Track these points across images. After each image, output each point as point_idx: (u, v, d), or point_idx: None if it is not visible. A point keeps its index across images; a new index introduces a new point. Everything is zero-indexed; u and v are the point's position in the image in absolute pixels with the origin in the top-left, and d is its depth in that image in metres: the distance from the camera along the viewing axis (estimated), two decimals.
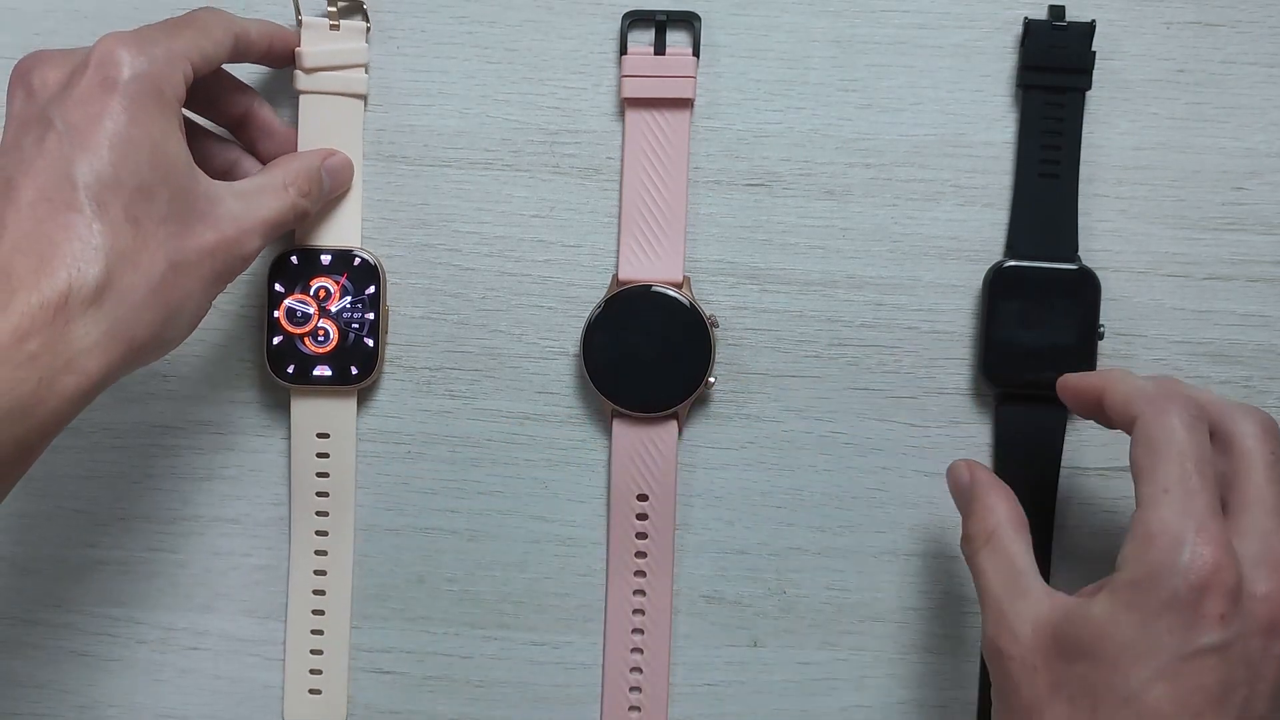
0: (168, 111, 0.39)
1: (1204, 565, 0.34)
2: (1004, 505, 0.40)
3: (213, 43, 0.41)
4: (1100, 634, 0.35)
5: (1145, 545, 0.35)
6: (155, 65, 0.38)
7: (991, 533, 0.39)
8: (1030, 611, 0.37)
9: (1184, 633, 0.34)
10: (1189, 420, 0.36)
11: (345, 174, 0.46)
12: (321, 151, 0.45)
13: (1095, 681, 0.34)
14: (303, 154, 0.45)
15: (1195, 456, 0.36)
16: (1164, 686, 0.34)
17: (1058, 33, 0.45)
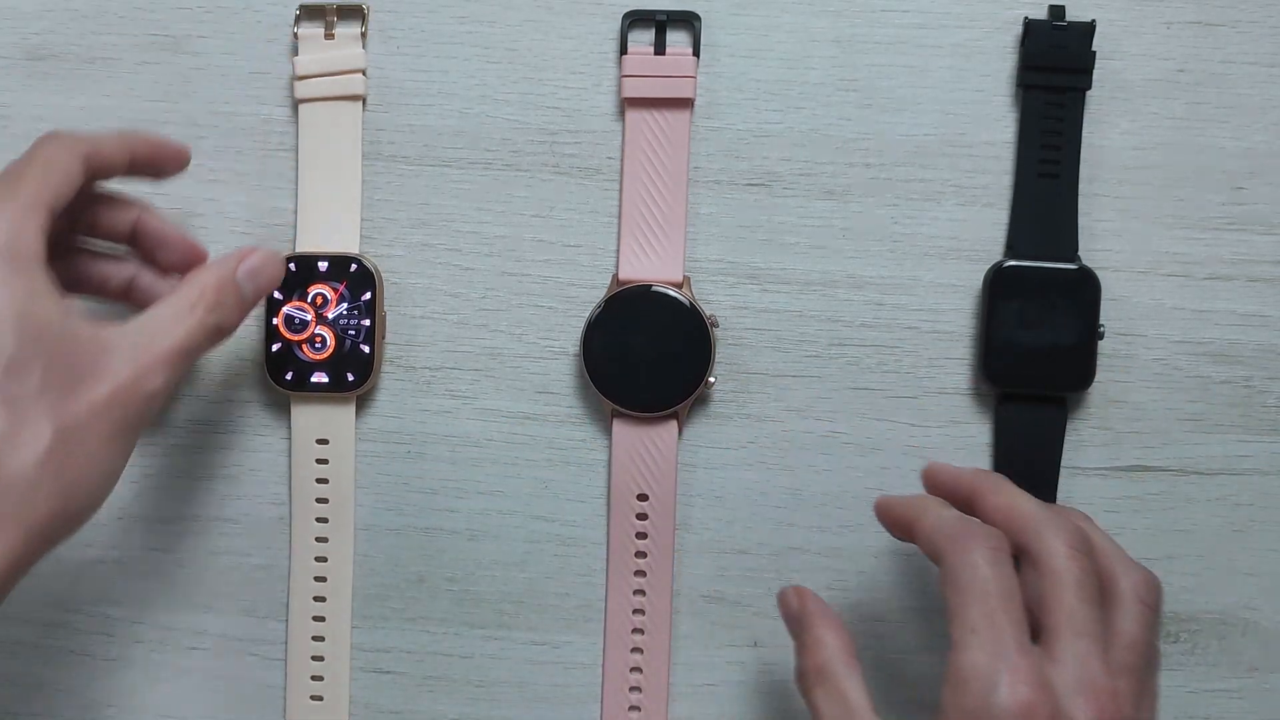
0: (27, 272, 0.36)
1: (1018, 704, 0.34)
2: (833, 637, 0.39)
3: (62, 176, 0.39)
4: None
5: (959, 690, 0.35)
6: (3, 231, 0.36)
7: (822, 668, 0.39)
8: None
9: None
10: (991, 556, 0.36)
11: (268, 271, 0.42)
12: (236, 255, 0.42)
13: None
14: (213, 265, 0.42)
15: (999, 593, 0.35)
16: None
17: (1058, 33, 0.45)
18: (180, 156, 0.44)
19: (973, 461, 0.46)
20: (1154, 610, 0.37)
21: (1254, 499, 0.46)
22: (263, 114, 0.47)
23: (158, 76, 0.48)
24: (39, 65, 0.48)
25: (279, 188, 0.47)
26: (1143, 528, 0.46)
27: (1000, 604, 0.35)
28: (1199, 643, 0.46)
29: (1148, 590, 0.37)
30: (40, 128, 0.47)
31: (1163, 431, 0.46)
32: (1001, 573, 0.36)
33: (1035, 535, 0.37)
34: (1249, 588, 0.46)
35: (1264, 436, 0.46)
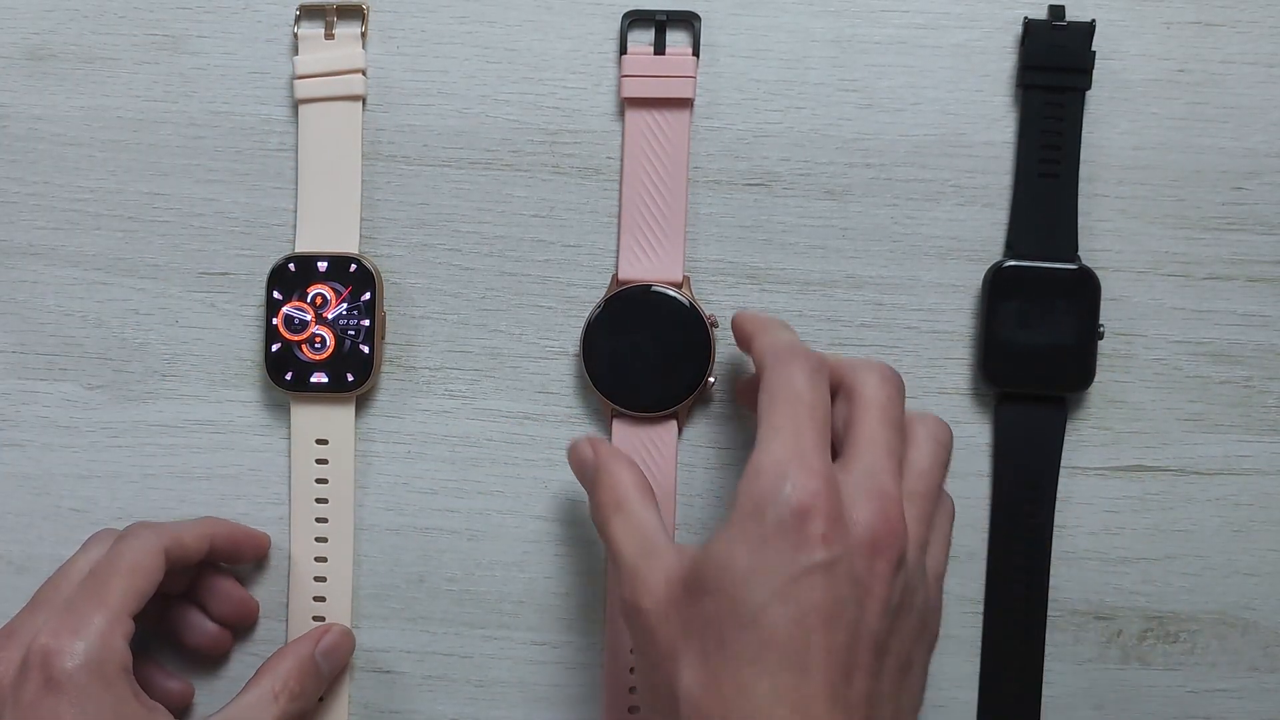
0: (116, 685, 0.40)
1: (804, 493, 0.36)
2: (629, 474, 0.41)
3: (146, 580, 0.42)
4: (720, 568, 0.36)
5: (753, 479, 0.37)
6: (93, 647, 0.40)
7: (620, 501, 0.40)
8: (661, 567, 0.38)
9: (791, 554, 0.35)
10: (808, 372, 0.38)
11: (343, 648, 0.46)
12: (311, 636, 0.46)
13: (719, 614, 0.36)
14: (290, 649, 0.45)
15: (809, 403, 0.38)
16: (779, 607, 0.35)
17: (1058, 32, 0.45)
18: (259, 548, 0.47)
19: (973, 462, 0.46)
20: (946, 450, 0.40)
21: (1254, 499, 0.46)
22: (263, 114, 0.48)
23: (158, 76, 0.48)
24: (39, 65, 0.48)
25: (279, 188, 0.48)
26: (1143, 528, 0.46)
27: (808, 412, 0.37)
28: (1199, 643, 0.46)
29: (941, 431, 0.40)
30: (40, 127, 0.48)
31: (1163, 431, 0.46)
32: (815, 389, 0.38)
33: (850, 368, 0.40)
34: (1249, 588, 0.46)
35: (1264, 436, 0.46)
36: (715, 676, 0.35)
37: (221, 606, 0.47)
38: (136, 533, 0.43)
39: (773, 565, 0.35)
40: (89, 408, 0.48)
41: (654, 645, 0.37)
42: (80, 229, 0.48)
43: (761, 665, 0.35)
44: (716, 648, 0.36)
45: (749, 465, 0.37)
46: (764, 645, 0.35)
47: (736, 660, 0.35)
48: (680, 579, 0.37)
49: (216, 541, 0.45)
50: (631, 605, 0.38)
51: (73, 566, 0.43)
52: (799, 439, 0.37)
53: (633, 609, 0.38)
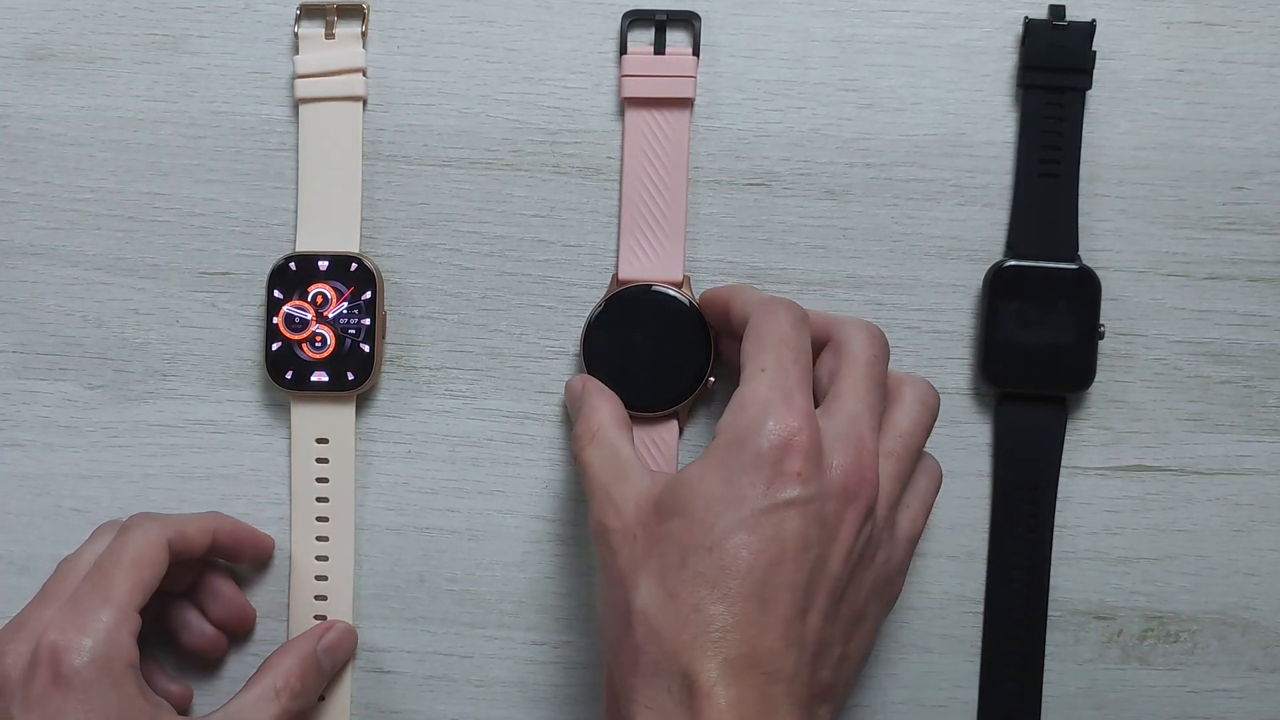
0: (122, 682, 0.40)
1: (785, 429, 0.36)
2: (608, 406, 0.42)
3: (150, 572, 0.42)
4: (691, 492, 0.37)
5: (738, 413, 0.38)
6: (100, 644, 0.40)
7: (596, 430, 0.41)
8: (633, 490, 0.39)
9: (764, 487, 0.36)
10: (793, 319, 0.39)
11: (345, 646, 0.47)
12: (313, 634, 0.46)
13: (683, 535, 0.37)
14: (292, 646, 0.45)
15: (794, 346, 0.39)
16: (744, 536, 0.36)
17: (1058, 32, 0.45)
18: (261, 549, 0.47)
19: (974, 462, 0.46)
20: (931, 413, 0.40)
21: (1254, 499, 0.46)
22: (263, 114, 0.48)
23: (158, 76, 0.48)
24: (39, 65, 0.48)
25: (279, 188, 0.48)
26: (1143, 528, 0.46)
27: (792, 355, 0.38)
28: (1199, 643, 0.46)
29: (928, 393, 0.41)
30: (40, 127, 0.48)
31: (1163, 431, 0.46)
32: (800, 335, 0.39)
33: (839, 324, 0.41)
34: (1249, 588, 0.46)
35: (1264, 436, 0.46)
36: (672, 594, 0.36)
37: (220, 610, 0.47)
38: (139, 524, 0.43)
39: (745, 495, 0.36)
40: (89, 408, 0.48)
41: (615, 563, 0.38)
42: (80, 229, 0.48)
43: (720, 589, 0.36)
44: (677, 566, 0.36)
45: (734, 399, 0.38)
46: (724, 570, 0.36)
47: (695, 581, 0.36)
48: (650, 501, 0.38)
49: (219, 536, 0.45)
50: (599, 525, 0.39)
51: (79, 559, 0.43)
52: (784, 378, 0.38)
53: (600, 528, 0.39)
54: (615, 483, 0.40)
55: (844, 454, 0.37)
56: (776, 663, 0.35)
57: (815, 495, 0.36)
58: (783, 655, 0.36)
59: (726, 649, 0.35)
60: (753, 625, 0.35)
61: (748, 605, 0.35)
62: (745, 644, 0.35)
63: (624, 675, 0.37)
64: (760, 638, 0.35)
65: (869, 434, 0.38)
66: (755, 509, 0.36)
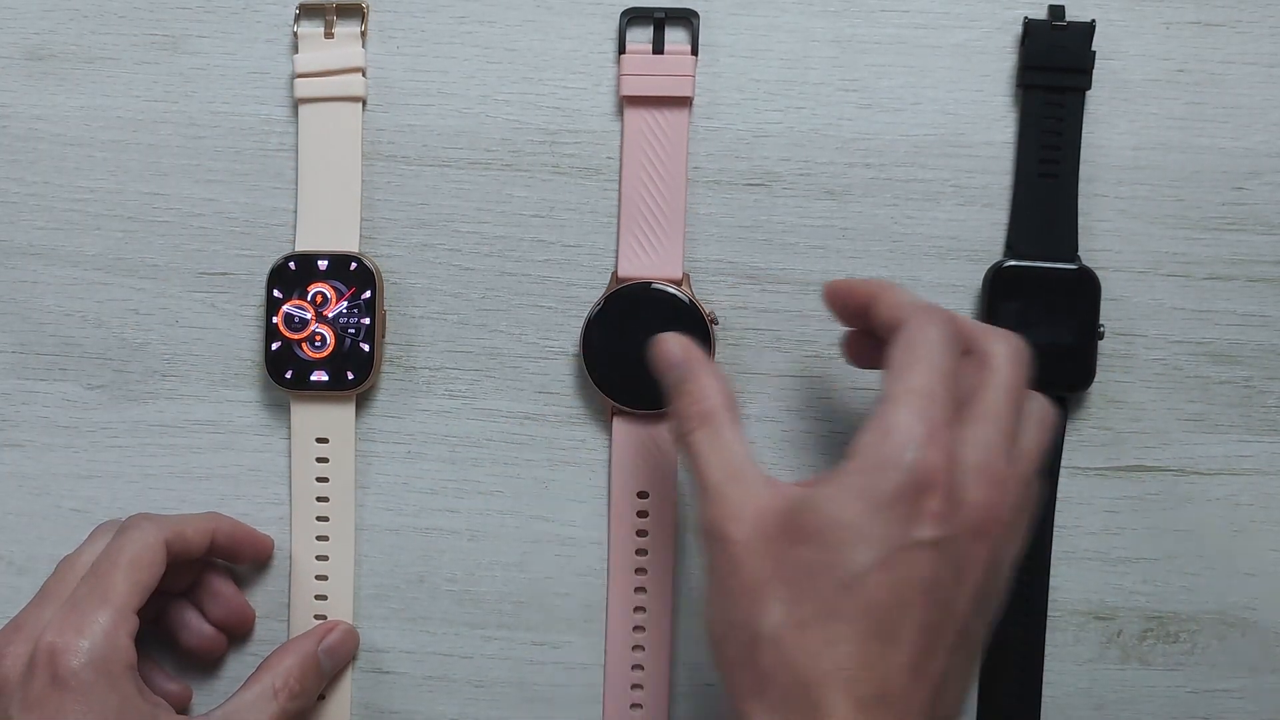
0: (120, 683, 0.40)
1: (928, 466, 0.35)
2: (719, 386, 0.40)
3: (148, 574, 0.42)
4: (825, 519, 0.36)
5: (880, 439, 0.36)
6: (98, 645, 0.40)
7: (708, 416, 0.40)
8: (752, 498, 0.38)
9: (903, 525, 0.35)
10: (948, 337, 0.38)
11: (347, 646, 0.47)
12: (315, 634, 0.46)
13: (818, 565, 0.36)
14: (293, 645, 0.45)
15: (944, 369, 0.37)
16: (882, 574, 0.35)
17: (1057, 33, 0.45)
18: (260, 549, 0.47)
19: None
20: (1050, 435, 0.39)
21: (1254, 499, 0.46)
22: (263, 114, 0.48)
23: (158, 76, 0.48)
24: (39, 65, 0.48)
25: (279, 188, 0.48)
26: (1143, 528, 0.46)
27: (942, 379, 0.37)
28: (1199, 643, 0.47)
29: (1048, 414, 0.39)
30: (40, 128, 0.48)
31: (1163, 431, 0.46)
32: (952, 355, 0.38)
33: (984, 334, 0.39)
34: (1249, 588, 0.46)
35: (1264, 436, 0.46)
36: (803, 625, 0.35)
37: (219, 610, 0.47)
38: (137, 524, 0.43)
39: (882, 531, 0.35)
40: (89, 408, 0.48)
41: (737, 577, 0.37)
42: (80, 229, 0.48)
43: (852, 626, 0.35)
44: (809, 597, 0.36)
45: (877, 421, 0.36)
46: (859, 608, 0.35)
47: (828, 615, 0.35)
48: (776, 515, 0.37)
49: (218, 537, 0.45)
50: (716, 530, 0.38)
51: (78, 559, 0.43)
52: (931, 406, 0.36)
53: (717, 534, 0.38)
54: (731, 483, 0.38)
55: (980, 489, 0.36)
56: (905, 702, 0.35)
57: (951, 535, 0.36)
58: (910, 694, 0.35)
59: (859, 688, 0.35)
60: (883, 663, 0.35)
61: (879, 644, 0.35)
62: (876, 683, 0.35)
63: (743, 697, 0.36)
64: (890, 677, 0.35)
65: (1004, 466, 0.37)
66: (893, 547, 0.35)
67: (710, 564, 0.38)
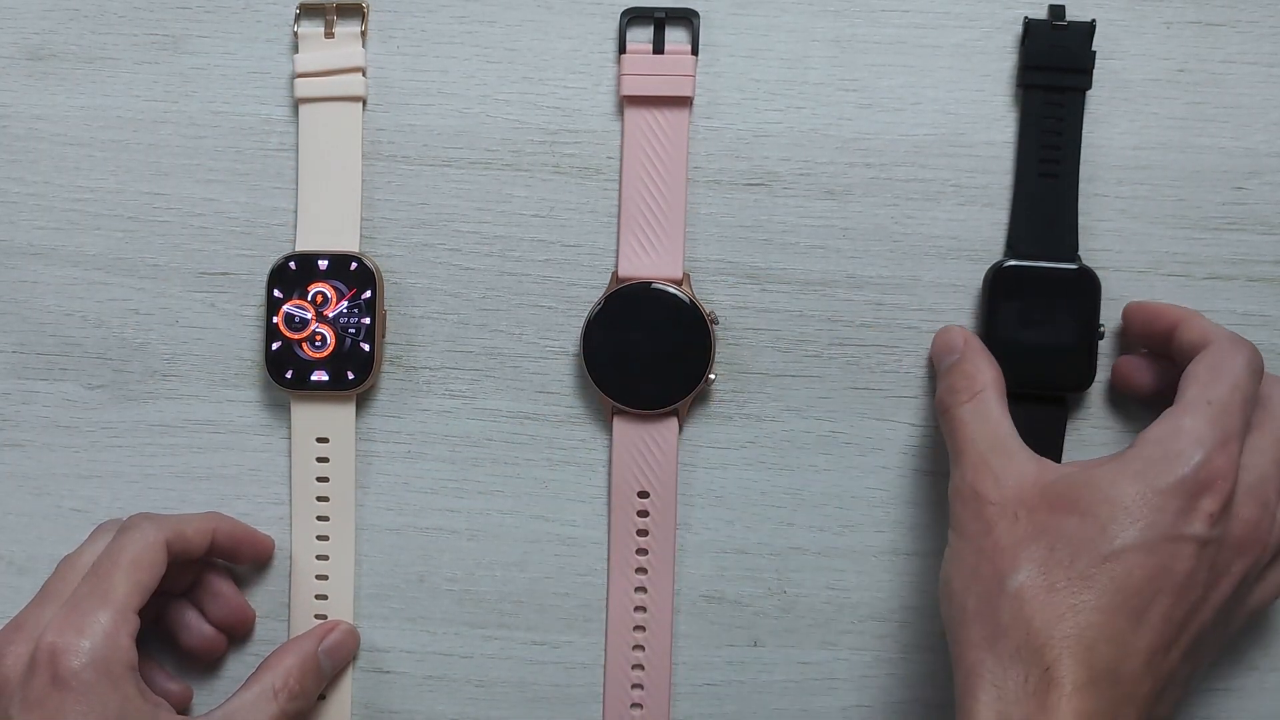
0: (122, 683, 0.40)
1: (1214, 469, 0.37)
2: (992, 371, 0.42)
3: (149, 574, 0.42)
4: (1098, 493, 0.37)
5: (1173, 433, 0.38)
6: (98, 645, 0.40)
7: (978, 391, 0.41)
8: (1015, 468, 0.39)
9: (1176, 516, 0.37)
10: (1254, 367, 0.40)
11: (347, 647, 0.47)
12: (315, 634, 0.46)
13: (1079, 532, 0.37)
14: (292, 645, 0.45)
15: (1246, 393, 0.39)
16: (1141, 557, 0.36)
17: (1058, 32, 0.45)
18: (261, 550, 0.47)
19: None
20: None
21: None
22: (263, 114, 0.48)
23: (158, 76, 0.48)
24: (39, 65, 0.48)
25: (279, 188, 0.48)
26: None
27: (1242, 400, 0.39)
28: None
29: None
30: (40, 127, 0.48)
31: None
32: (1254, 382, 0.39)
33: (1270, 380, 0.41)
34: None
35: None
36: (1052, 588, 0.36)
37: (219, 610, 0.47)
38: (138, 525, 0.43)
39: (1155, 516, 0.37)
40: (89, 408, 0.48)
41: (989, 536, 0.38)
42: (80, 229, 0.48)
43: (1103, 599, 0.36)
44: (1065, 563, 0.37)
45: (1170, 419, 0.38)
46: (1113, 581, 0.36)
47: (1081, 581, 0.36)
48: (1039, 487, 0.38)
49: (218, 537, 0.45)
50: (973, 492, 0.39)
51: (79, 558, 0.43)
52: (1227, 420, 0.38)
53: (973, 495, 0.39)
54: (995, 453, 0.40)
55: (1250, 508, 0.38)
56: (1134, 686, 0.36)
57: (1216, 539, 0.37)
58: (1141, 680, 0.36)
59: (1095, 659, 0.36)
60: (1123, 644, 0.36)
61: (1125, 623, 0.36)
62: (1113, 659, 0.36)
63: (973, 647, 0.37)
64: (1126, 658, 0.36)
65: (1275, 496, 0.39)
66: (1160, 533, 0.36)
67: (959, 525, 0.40)
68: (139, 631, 0.41)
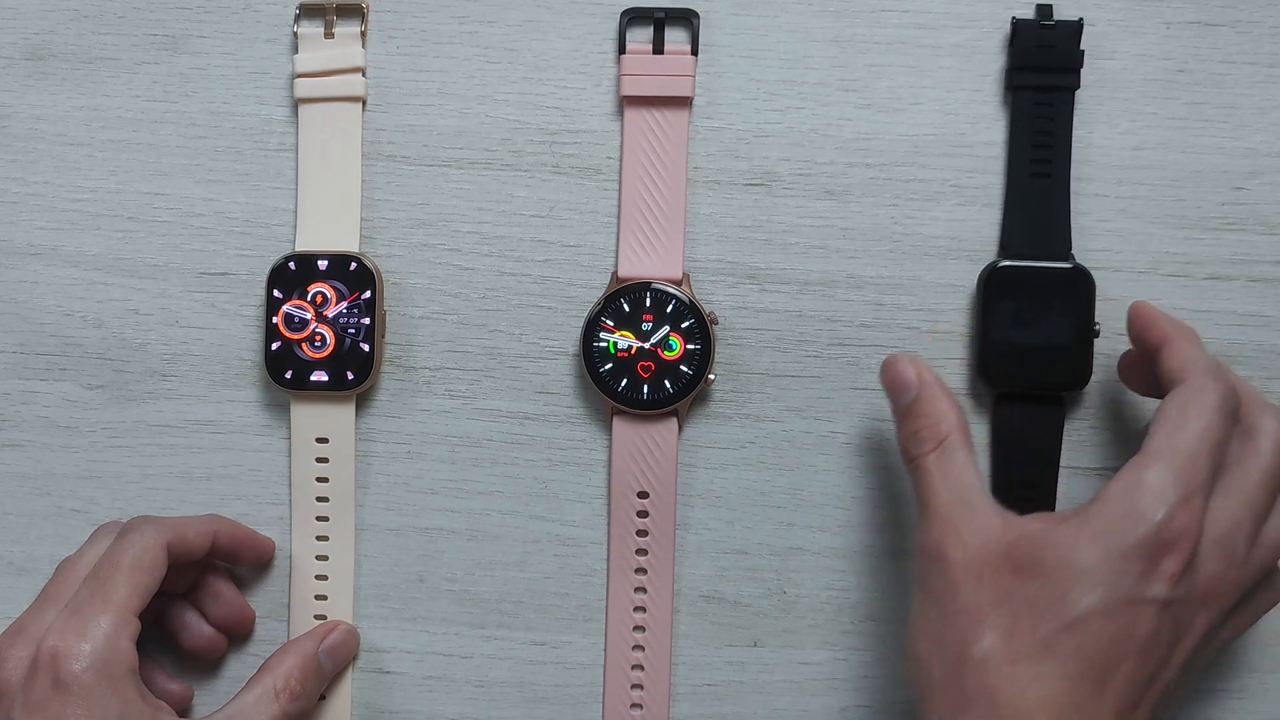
0: (122, 686, 0.40)
1: (1175, 530, 0.36)
2: (954, 413, 0.41)
3: (150, 577, 0.42)
4: (1058, 556, 0.37)
5: (1135, 488, 0.37)
6: (99, 649, 0.40)
7: (944, 438, 0.40)
8: (981, 526, 0.39)
9: (1137, 580, 0.36)
10: (1227, 408, 0.39)
11: (348, 647, 0.47)
12: (315, 634, 0.46)
13: (1043, 600, 0.37)
14: (293, 646, 0.46)
15: (1216, 440, 0.38)
16: (1103, 622, 0.36)
17: (1046, 32, 0.45)
18: (261, 551, 0.48)
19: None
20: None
21: None
22: (263, 114, 0.48)
23: (158, 76, 0.48)
24: (39, 65, 0.48)
25: (279, 188, 0.48)
26: None
27: (1210, 450, 0.38)
28: None
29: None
30: (40, 128, 0.48)
31: None
32: (1226, 426, 0.38)
33: (1259, 409, 0.40)
34: None
35: None
36: (1015, 658, 0.36)
37: (219, 610, 0.47)
38: (138, 527, 0.43)
39: (1115, 581, 0.36)
40: (89, 408, 0.49)
41: (953, 599, 0.38)
42: (80, 229, 0.48)
43: (1066, 667, 0.36)
44: (1027, 629, 0.37)
45: (1133, 471, 0.38)
46: (1075, 650, 0.36)
47: (1043, 651, 0.36)
48: (1002, 546, 0.38)
49: (219, 539, 0.46)
50: (938, 550, 0.39)
51: (79, 560, 0.44)
52: (1194, 472, 0.37)
53: (939, 555, 0.39)
54: (960, 508, 0.39)
55: (1217, 561, 0.37)
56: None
57: (1179, 600, 0.37)
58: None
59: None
60: (1089, 710, 0.36)
61: (1089, 689, 0.36)
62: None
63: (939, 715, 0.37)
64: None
65: (1244, 545, 0.38)
66: (1121, 597, 0.36)
67: (925, 583, 0.39)
68: (139, 633, 0.42)
